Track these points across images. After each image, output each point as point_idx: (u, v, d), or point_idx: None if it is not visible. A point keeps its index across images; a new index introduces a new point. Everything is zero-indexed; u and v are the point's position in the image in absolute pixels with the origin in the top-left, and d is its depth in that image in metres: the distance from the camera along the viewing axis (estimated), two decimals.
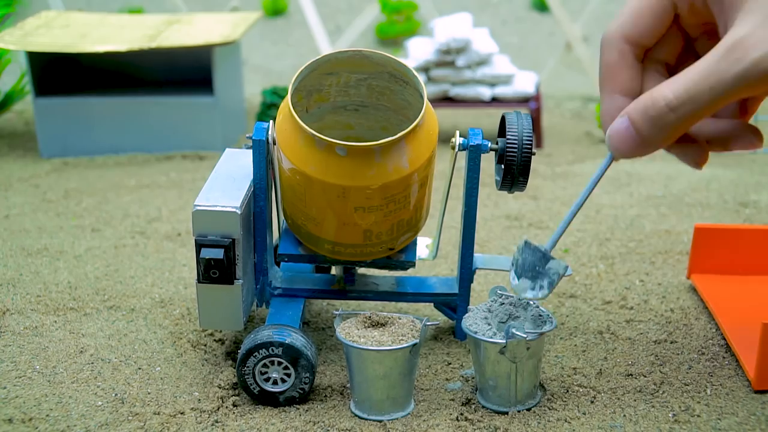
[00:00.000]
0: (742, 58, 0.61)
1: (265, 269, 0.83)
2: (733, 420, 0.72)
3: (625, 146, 0.67)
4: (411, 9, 2.62)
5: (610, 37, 0.70)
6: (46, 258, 1.11)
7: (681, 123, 0.64)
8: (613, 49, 0.70)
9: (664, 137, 0.66)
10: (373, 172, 0.72)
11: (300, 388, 0.76)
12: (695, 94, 0.63)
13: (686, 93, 0.63)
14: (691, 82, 0.63)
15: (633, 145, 0.67)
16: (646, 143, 0.66)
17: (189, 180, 1.48)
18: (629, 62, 0.70)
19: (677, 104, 0.64)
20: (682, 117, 0.64)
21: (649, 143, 0.66)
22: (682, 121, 0.64)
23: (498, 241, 1.16)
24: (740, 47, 0.62)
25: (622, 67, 0.70)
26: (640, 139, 0.66)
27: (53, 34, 1.68)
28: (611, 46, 0.70)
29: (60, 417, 0.75)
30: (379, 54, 0.76)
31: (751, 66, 0.61)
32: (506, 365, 0.72)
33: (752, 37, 0.61)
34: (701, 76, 0.63)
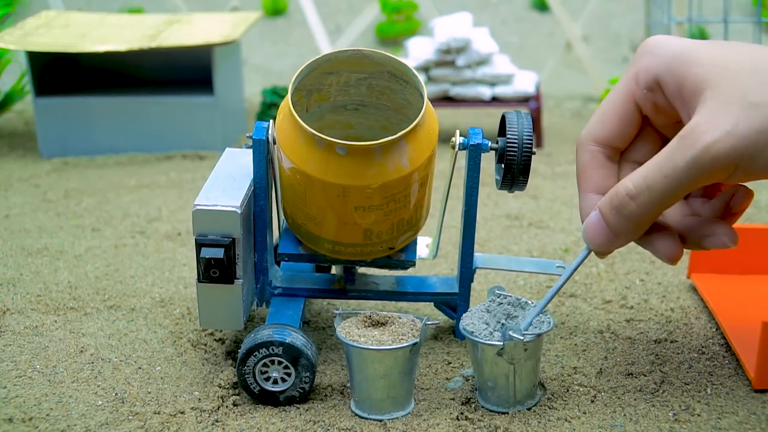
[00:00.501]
0: (692, 145, 0.63)
1: (265, 269, 0.83)
2: (734, 419, 0.72)
3: (598, 238, 0.70)
4: (411, 9, 2.62)
5: (582, 139, 0.73)
6: (47, 258, 1.11)
7: (643, 212, 0.67)
8: (585, 151, 0.73)
9: (630, 227, 0.68)
10: (373, 172, 0.72)
11: (300, 388, 0.76)
12: (652, 182, 0.65)
13: (644, 181, 0.66)
14: (648, 170, 0.66)
15: (604, 236, 0.70)
16: (615, 233, 0.69)
17: (189, 180, 1.48)
18: (600, 162, 0.73)
19: (636, 193, 0.66)
20: (642, 205, 0.66)
21: (618, 233, 0.69)
22: (644, 210, 0.67)
23: (498, 241, 1.16)
24: (692, 134, 0.63)
25: (593, 167, 0.73)
26: (610, 230, 0.69)
27: (53, 33, 1.68)
28: (583, 148, 0.73)
29: (60, 416, 0.75)
30: (379, 53, 0.76)
31: (701, 152, 0.63)
32: (504, 366, 0.72)
33: (705, 123, 0.63)
34: (657, 164, 0.65)
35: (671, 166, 0.64)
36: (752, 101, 0.62)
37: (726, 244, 0.72)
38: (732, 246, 0.72)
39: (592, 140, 0.73)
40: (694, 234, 0.73)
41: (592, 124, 0.73)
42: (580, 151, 0.73)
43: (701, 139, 0.62)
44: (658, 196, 0.65)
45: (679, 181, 0.64)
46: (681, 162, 0.63)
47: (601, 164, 0.73)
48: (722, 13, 1.64)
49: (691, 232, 0.73)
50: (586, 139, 0.73)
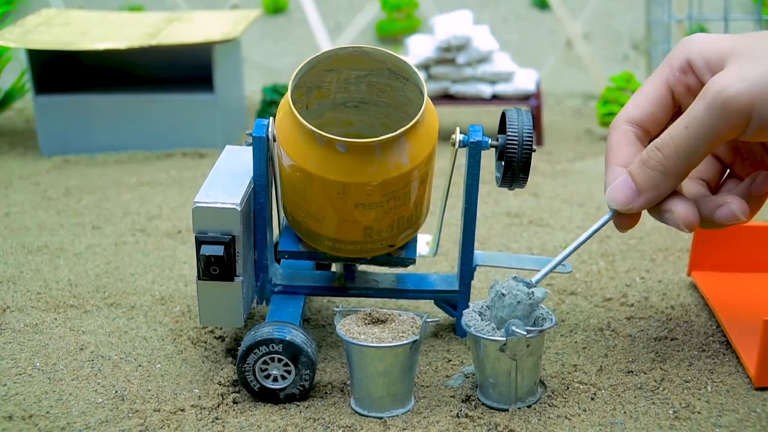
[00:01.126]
0: (707, 94, 0.68)
1: (265, 266, 0.83)
2: (734, 417, 0.72)
3: (622, 195, 0.74)
4: (411, 6, 2.62)
5: (616, 120, 0.77)
6: (47, 255, 1.11)
7: (668, 163, 0.71)
8: (617, 130, 0.77)
9: (655, 181, 0.72)
10: (373, 169, 0.72)
11: (300, 385, 0.76)
12: (674, 134, 0.70)
13: (668, 135, 0.71)
14: (673, 126, 0.71)
15: (628, 192, 0.74)
16: (640, 188, 0.73)
17: (189, 177, 1.48)
18: (630, 140, 0.76)
19: (661, 144, 0.71)
20: (668, 156, 0.71)
21: (642, 188, 0.73)
22: (668, 161, 0.71)
23: (498, 239, 1.16)
24: (709, 86, 0.68)
25: (623, 143, 0.76)
26: (634, 186, 0.73)
27: (53, 31, 1.68)
28: (616, 128, 0.77)
29: (60, 414, 0.75)
30: (379, 50, 0.76)
31: (715, 96, 0.68)
32: (506, 363, 0.72)
33: (722, 77, 0.68)
34: (679, 120, 0.70)
35: (690, 117, 0.69)
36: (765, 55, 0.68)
37: (735, 213, 0.74)
38: (742, 218, 0.74)
39: (625, 120, 0.76)
40: (708, 206, 0.75)
41: (628, 106, 0.77)
42: (613, 131, 0.77)
43: (715, 88, 0.67)
44: (682, 147, 0.70)
45: (698, 130, 0.68)
46: (699, 111, 0.68)
47: (631, 142, 0.76)
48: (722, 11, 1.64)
49: (704, 206, 0.75)
50: (620, 120, 0.77)
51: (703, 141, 0.69)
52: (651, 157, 0.71)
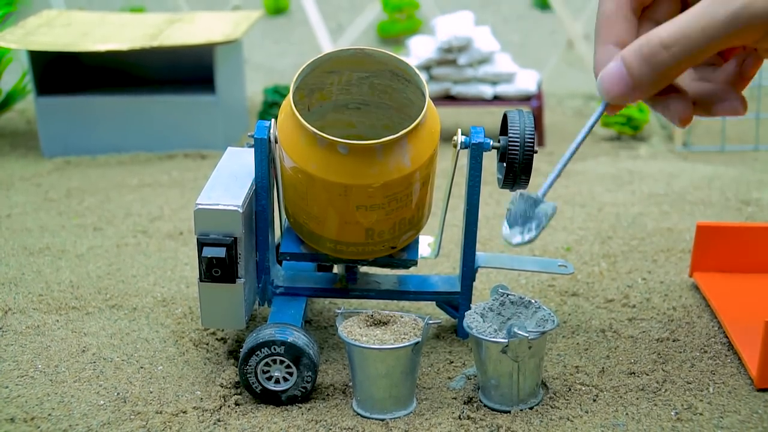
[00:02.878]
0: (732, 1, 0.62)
1: (267, 268, 0.83)
2: (736, 418, 0.72)
3: (617, 88, 0.67)
4: (412, 7, 2.62)
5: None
6: (48, 257, 1.11)
7: (673, 63, 0.65)
8: (611, 1, 0.71)
9: (655, 78, 0.66)
10: (374, 171, 0.72)
11: (302, 387, 0.76)
12: (688, 33, 0.64)
13: (680, 32, 0.64)
14: (685, 23, 0.64)
15: (624, 86, 0.67)
16: (637, 84, 0.66)
17: (191, 179, 1.48)
18: (625, 14, 0.71)
19: (670, 42, 0.64)
20: (674, 56, 0.64)
21: (639, 83, 0.66)
22: (674, 60, 0.65)
23: (500, 240, 1.16)
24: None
25: (618, 18, 0.71)
26: (631, 80, 0.66)
27: (55, 33, 1.68)
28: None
29: (62, 416, 0.75)
30: (380, 52, 0.76)
31: (741, 8, 0.62)
32: (508, 364, 0.72)
33: None
34: (695, 17, 0.64)
35: (709, 20, 0.63)
36: None
37: (737, 109, 0.72)
38: (742, 113, 0.72)
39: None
40: (707, 99, 0.72)
41: None
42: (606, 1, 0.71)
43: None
44: (692, 47, 0.64)
45: (715, 34, 0.63)
46: (720, 16, 0.63)
47: (625, 16, 0.71)
48: None
49: (703, 98, 0.72)
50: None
51: (716, 45, 0.64)
52: (655, 54, 0.65)
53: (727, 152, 1.61)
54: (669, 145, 1.64)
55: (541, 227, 0.69)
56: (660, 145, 1.64)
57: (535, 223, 0.70)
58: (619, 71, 0.67)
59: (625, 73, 0.67)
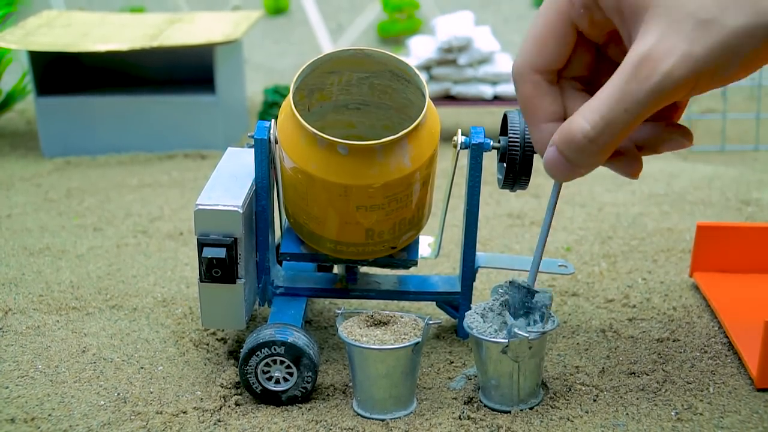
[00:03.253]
0: (651, 74, 0.61)
1: (267, 268, 0.83)
2: (736, 418, 0.72)
3: (561, 173, 0.68)
4: (413, 7, 2.62)
5: (520, 69, 0.70)
6: (48, 257, 1.11)
7: (604, 148, 0.65)
8: (526, 82, 0.70)
9: (591, 161, 0.66)
10: (375, 171, 0.72)
11: (302, 387, 0.76)
12: (611, 119, 0.63)
13: (602, 120, 0.63)
14: (606, 107, 0.63)
15: (566, 170, 0.67)
16: (576, 167, 0.67)
17: (191, 179, 1.48)
18: (544, 90, 0.70)
19: (595, 134, 0.64)
20: (602, 144, 0.64)
21: (579, 167, 0.67)
22: (604, 146, 0.64)
23: (500, 240, 1.16)
24: (648, 62, 0.61)
25: (538, 96, 0.70)
26: (570, 165, 0.67)
27: (55, 33, 1.68)
28: (523, 78, 0.70)
29: (62, 416, 0.75)
30: (380, 52, 0.76)
31: (663, 78, 0.61)
32: (508, 365, 0.72)
33: (658, 49, 0.61)
34: (614, 99, 0.62)
35: (631, 99, 0.62)
36: (701, 19, 0.60)
37: (683, 143, 0.71)
38: (688, 144, 0.71)
39: (532, 69, 0.69)
40: (650, 141, 0.71)
41: (529, 50, 0.69)
42: (521, 83, 0.70)
43: (658, 68, 0.60)
44: (619, 129, 0.63)
45: (640, 111, 0.62)
46: (641, 93, 0.61)
47: (546, 92, 0.70)
48: None
49: (646, 141, 0.72)
50: (525, 70, 0.69)
51: (644, 118, 0.63)
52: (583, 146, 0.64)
53: (727, 152, 1.61)
54: None
55: (546, 317, 0.73)
56: None
57: (538, 314, 0.74)
58: (558, 158, 0.67)
59: (564, 160, 0.67)
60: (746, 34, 0.60)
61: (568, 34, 0.68)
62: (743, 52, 0.60)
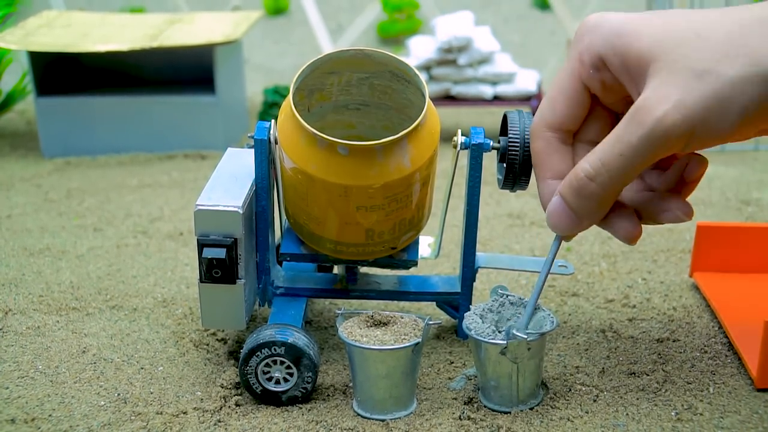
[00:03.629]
0: (644, 120, 0.63)
1: (267, 268, 0.83)
2: (736, 418, 0.72)
3: (562, 223, 0.70)
4: (412, 7, 2.62)
5: (534, 127, 0.73)
6: (49, 258, 1.11)
7: (604, 192, 0.67)
8: (539, 139, 0.73)
9: (593, 208, 0.68)
10: (375, 172, 0.72)
11: (302, 388, 0.76)
12: (608, 162, 0.65)
13: (600, 162, 0.66)
14: (604, 151, 0.66)
15: (568, 220, 0.70)
16: (579, 216, 0.69)
17: (191, 179, 1.48)
18: (555, 147, 0.72)
19: (595, 174, 0.66)
20: (602, 185, 0.66)
21: (581, 216, 0.69)
22: (604, 190, 0.67)
23: (500, 240, 1.16)
24: (642, 110, 0.63)
25: (549, 153, 0.72)
26: (573, 213, 0.69)
27: (55, 33, 1.68)
28: (536, 135, 0.73)
29: (62, 417, 0.75)
30: (380, 53, 0.76)
31: (653, 126, 0.63)
32: (507, 366, 0.72)
33: (653, 97, 0.63)
34: (611, 144, 0.65)
35: (625, 144, 0.64)
36: (697, 70, 0.62)
37: (680, 218, 0.72)
38: (686, 219, 0.72)
39: (545, 126, 0.72)
40: (650, 210, 0.73)
41: (543, 110, 0.72)
42: (534, 139, 0.73)
43: (652, 114, 0.63)
44: (616, 174, 0.65)
45: (634, 157, 0.64)
46: (634, 139, 0.64)
47: (556, 149, 0.72)
48: None
49: (646, 208, 0.73)
50: (539, 126, 0.73)
51: (640, 165, 0.65)
52: (583, 187, 0.67)
53: (727, 152, 1.61)
54: None
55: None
56: None
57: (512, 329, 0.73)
58: (561, 206, 0.69)
59: (566, 208, 0.69)
60: (742, 83, 0.62)
61: (579, 95, 0.71)
62: (738, 103, 0.62)
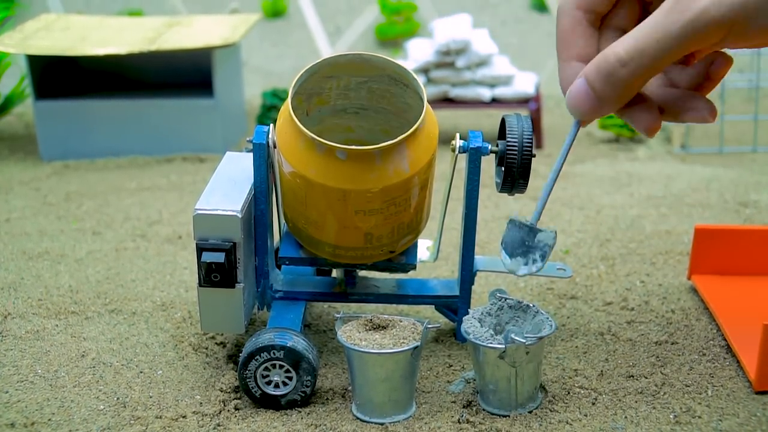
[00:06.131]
0: (687, 9, 0.61)
1: (266, 272, 0.83)
2: (734, 421, 0.72)
3: (583, 106, 0.67)
4: (410, 10, 2.62)
5: (563, 4, 0.70)
6: (47, 261, 1.11)
7: (633, 78, 0.65)
8: (567, 17, 0.70)
9: (618, 94, 0.66)
10: (373, 176, 0.72)
11: (301, 391, 0.76)
12: (644, 47, 0.63)
13: (635, 48, 0.64)
14: (640, 37, 0.63)
15: (590, 104, 0.67)
16: (602, 101, 0.67)
17: (189, 182, 1.48)
18: (583, 29, 0.70)
19: (627, 59, 0.64)
20: (633, 71, 0.64)
21: (604, 101, 0.66)
22: (634, 76, 0.65)
23: (499, 243, 1.16)
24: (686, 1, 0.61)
25: (576, 34, 0.70)
26: (596, 98, 0.67)
27: (53, 36, 1.68)
28: (564, 13, 0.70)
29: (62, 421, 0.75)
30: (378, 57, 0.76)
31: (698, 15, 0.61)
32: (506, 369, 0.72)
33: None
34: (649, 30, 0.63)
35: (664, 31, 0.62)
36: None
37: (706, 118, 0.70)
38: (711, 120, 0.71)
39: (575, 5, 0.70)
40: (674, 106, 0.71)
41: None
42: (562, 17, 0.70)
43: (696, 3, 0.61)
44: (650, 61, 0.64)
45: (671, 46, 0.63)
46: (675, 27, 0.62)
47: (584, 31, 0.70)
48: None
49: (670, 105, 0.72)
50: (569, 4, 0.70)
51: (675, 55, 0.63)
52: (613, 72, 0.65)
53: (725, 154, 1.61)
54: (667, 147, 1.64)
55: (545, 258, 0.71)
56: (658, 147, 1.64)
57: (539, 253, 0.72)
58: (584, 89, 0.67)
59: (590, 91, 0.67)
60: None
61: None
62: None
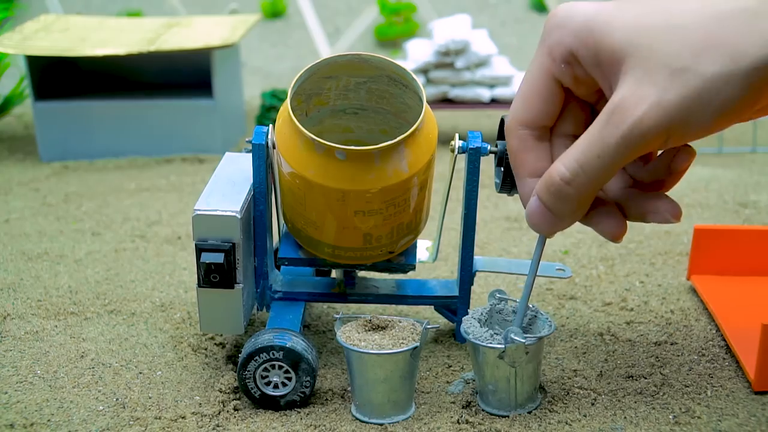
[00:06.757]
0: (621, 122, 0.62)
1: (265, 273, 0.83)
2: (734, 421, 0.72)
3: (541, 223, 0.68)
4: (410, 10, 2.62)
5: (509, 124, 0.71)
6: (47, 262, 1.11)
7: (580, 194, 0.65)
8: (514, 138, 0.71)
9: (571, 209, 0.67)
10: (372, 176, 0.72)
11: (301, 392, 0.76)
12: (585, 164, 0.64)
13: (577, 164, 0.64)
14: (580, 153, 0.64)
15: (547, 221, 0.68)
16: (558, 218, 0.68)
17: (189, 183, 1.48)
18: (530, 145, 0.70)
19: (571, 177, 0.65)
20: (579, 188, 0.65)
21: (560, 216, 0.67)
22: (580, 192, 0.65)
23: (498, 243, 1.16)
24: (619, 111, 0.62)
25: (525, 151, 0.70)
26: (551, 215, 0.68)
27: (52, 37, 1.68)
28: (511, 133, 0.71)
29: (61, 422, 0.75)
30: (378, 57, 0.76)
31: (634, 126, 0.61)
32: (505, 369, 0.72)
33: (630, 98, 0.61)
34: (588, 145, 0.64)
35: (602, 146, 0.63)
36: (674, 67, 0.61)
37: (668, 219, 0.70)
38: (674, 221, 0.70)
39: (519, 124, 0.70)
40: (636, 208, 0.71)
41: (516, 107, 0.70)
42: (510, 137, 0.71)
43: (630, 115, 0.61)
44: (594, 175, 0.64)
45: (612, 159, 0.63)
46: (612, 140, 0.62)
47: (532, 147, 0.70)
48: None
49: (632, 207, 0.72)
50: (513, 124, 0.70)
51: (617, 165, 0.64)
52: (560, 190, 0.65)
53: (725, 154, 1.61)
54: None
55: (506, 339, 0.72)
56: None
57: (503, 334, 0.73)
58: (539, 208, 0.68)
59: (544, 209, 0.67)
60: (721, 81, 0.60)
61: (551, 90, 0.69)
62: (716, 101, 0.60)
